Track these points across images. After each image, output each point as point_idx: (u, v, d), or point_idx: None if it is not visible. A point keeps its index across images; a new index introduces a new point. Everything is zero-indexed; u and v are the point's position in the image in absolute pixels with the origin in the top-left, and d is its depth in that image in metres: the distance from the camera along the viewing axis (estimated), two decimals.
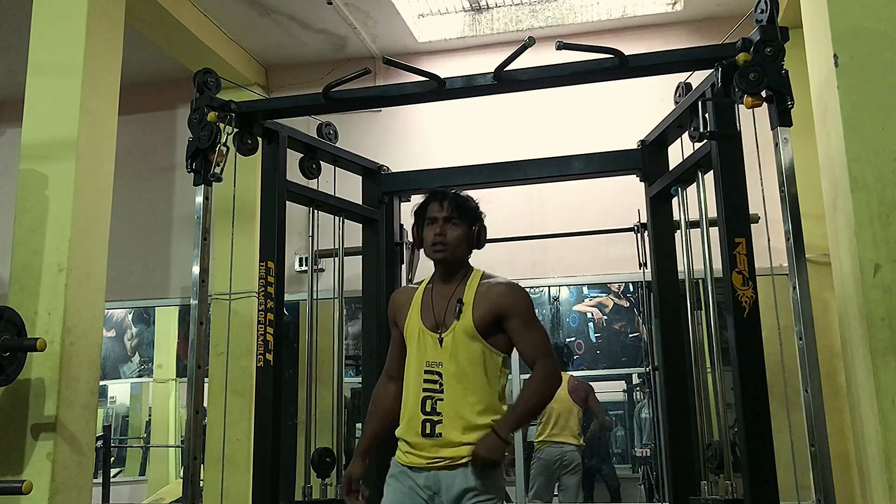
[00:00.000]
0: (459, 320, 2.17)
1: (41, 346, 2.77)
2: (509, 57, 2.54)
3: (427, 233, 2.26)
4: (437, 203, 2.26)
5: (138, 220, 5.12)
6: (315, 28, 4.70)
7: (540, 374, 2.16)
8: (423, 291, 2.30)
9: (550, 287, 6.75)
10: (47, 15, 3.34)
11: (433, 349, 2.18)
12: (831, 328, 3.71)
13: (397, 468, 2.19)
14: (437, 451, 2.10)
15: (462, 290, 2.22)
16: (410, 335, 2.24)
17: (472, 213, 2.31)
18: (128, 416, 8.12)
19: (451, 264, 2.25)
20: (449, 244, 2.22)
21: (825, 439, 2.19)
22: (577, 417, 5.39)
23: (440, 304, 2.23)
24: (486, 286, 2.22)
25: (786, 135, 2.31)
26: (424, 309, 2.25)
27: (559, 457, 5.28)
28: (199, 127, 2.71)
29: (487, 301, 2.19)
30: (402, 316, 2.28)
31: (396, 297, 2.38)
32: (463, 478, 2.07)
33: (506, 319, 2.18)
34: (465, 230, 2.27)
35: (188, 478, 2.58)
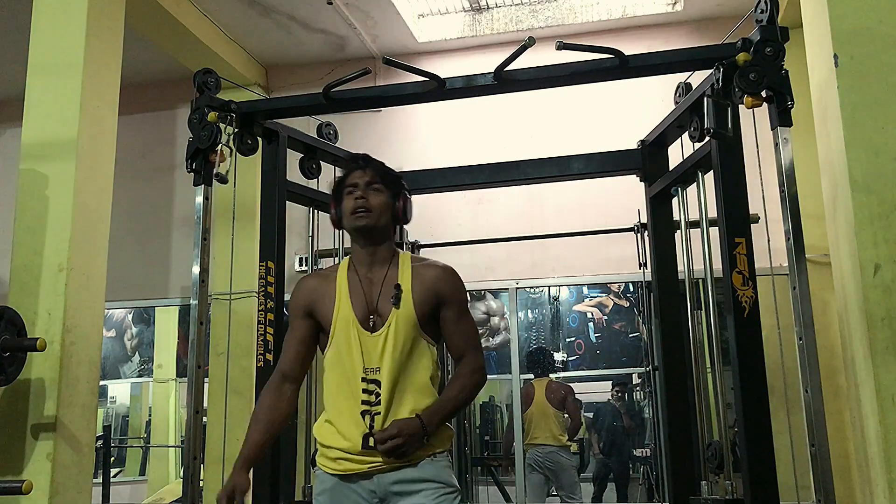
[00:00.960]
0: (399, 308, 1.91)
1: (41, 346, 2.77)
2: (509, 57, 2.54)
3: (347, 201, 1.99)
4: (359, 170, 2.03)
5: (138, 220, 5.12)
6: (315, 28, 4.70)
7: (469, 368, 1.97)
8: (344, 276, 1.99)
9: (550, 287, 6.76)
10: (47, 15, 3.34)
11: (369, 349, 1.90)
12: (831, 328, 3.71)
13: (328, 481, 1.90)
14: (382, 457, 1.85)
15: (395, 272, 1.97)
16: (340, 331, 1.93)
17: (395, 182, 2.07)
18: (128, 416, 8.12)
19: (374, 238, 1.99)
20: (373, 209, 1.96)
21: (825, 439, 2.19)
22: (556, 419, 5.48)
23: (372, 289, 1.95)
24: (420, 268, 1.99)
25: (786, 135, 2.31)
26: (354, 296, 1.95)
27: (543, 458, 5.38)
28: (199, 127, 2.70)
29: (425, 284, 1.95)
30: (322, 306, 1.97)
31: (309, 283, 2.05)
32: (417, 471, 1.86)
33: (442, 306, 1.96)
34: (390, 199, 2.02)
35: (188, 478, 2.58)
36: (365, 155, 2.09)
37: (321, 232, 3.28)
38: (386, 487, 1.85)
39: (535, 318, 7.32)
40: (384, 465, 1.84)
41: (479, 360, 2.00)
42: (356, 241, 2.01)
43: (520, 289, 4.73)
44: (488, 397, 7.28)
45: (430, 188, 3.58)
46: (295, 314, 2.02)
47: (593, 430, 6.67)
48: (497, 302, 7.01)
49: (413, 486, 1.85)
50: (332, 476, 1.89)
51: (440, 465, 1.90)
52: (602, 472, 6.47)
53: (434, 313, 1.96)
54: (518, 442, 4.73)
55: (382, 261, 2.00)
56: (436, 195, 4.14)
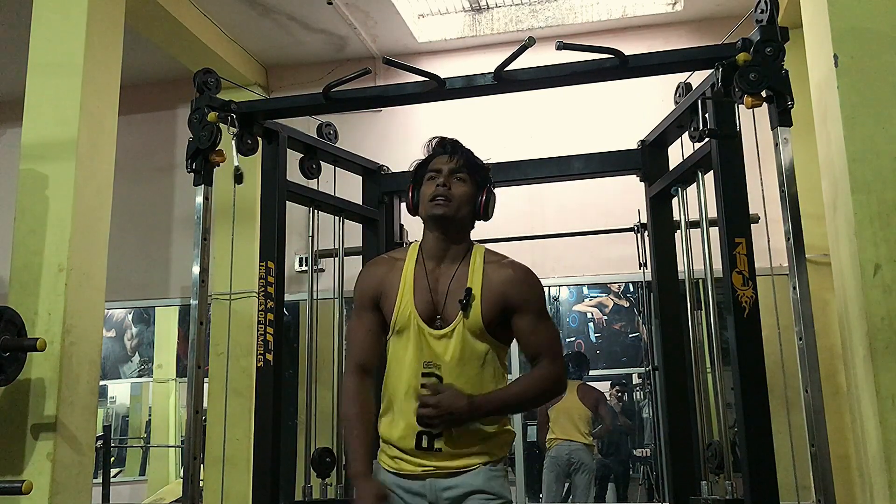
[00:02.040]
0: (468, 317, 1.81)
1: (41, 346, 2.77)
2: (509, 57, 2.54)
3: (427, 188, 1.88)
4: (445, 155, 1.92)
5: (138, 220, 5.12)
6: (315, 28, 4.70)
7: (545, 372, 1.85)
8: (412, 268, 1.88)
9: (550, 287, 6.75)
10: (47, 15, 3.34)
11: (430, 346, 1.82)
12: (831, 328, 3.71)
13: (382, 476, 1.86)
14: (436, 461, 1.80)
15: (465, 272, 1.85)
16: (402, 324, 1.85)
17: (482, 173, 1.95)
18: (128, 416, 8.12)
19: (451, 229, 1.87)
20: (454, 199, 1.85)
21: (825, 439, 2.18)
22: (585, 418, 5.47)
23: (438, 288, 1.85)
24: (494, 269, 1.87)
25: (786, 135, 2.31)
26: (419, 292, 1.85)
27: (567, 455, 5.35)
28: (199, 127, 2.70)
29: (495, 290, 1.84)
30: (387, 297, 1.87)
31: (376, 271, 1.93)
32: (469, 479, 1.79)
33: (515, 313, 1.85)
34: (474, 190, 1.90)
35: (188, 478, 2.58)
36: (454, 140, 1.97)
37: (321, 232, 3.28)
38: (437, 493, 1.80)
39: None
40: (438, 470, 1.80)
41: (556, 369, 1.86)
42: (430, 230, 1.90)
43: None
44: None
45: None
46: (361, 304, 1.92)
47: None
48: None
49: (463, 495, 1.80)
50: (389, 473, 1.85)
51: (494, 474, 1.83)
52: (602, 472, 6.47)
53: (504, 318, 1.86)
54: (518, 441, 4.73)
55: (454, 257, 1.90)
56: None
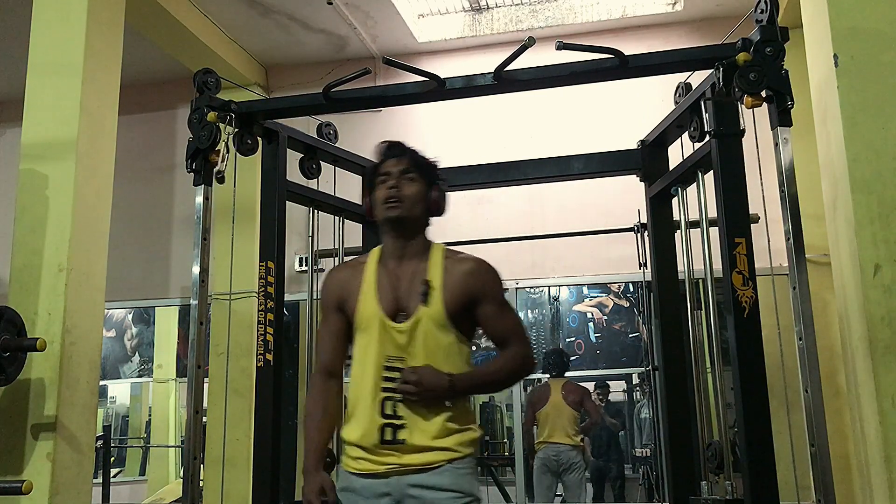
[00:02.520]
0: (427, 306, 1.85)
1: (41, 346, 2.77)
2: (509, 57, 2.54)
3: (379, 191, 1.94)
4: (393, 158, 1.97)
5: (138, 220, 5.12)
6: (315, 28, 4.70)
7: (514, 352, 1.91)
8: (374, 269, 1.94)
9: (550, 287, 6.75)
10: (47, 15, 3.35)
11: (393, 341, 1.85)
12: (831, 328, 3.70)
13: (347, 479, 1.87)
14: (400, 457, 1.81)
15: (425, 267, 1.90)
16: (364, 323, 1.88)
17: (431, 171, 2.01)
18: (128, 416, 8.12)
19: (406, 229, 1.93)
20: (405, 199, 1.91)
21: (825, 439, 2.19)
22: (571, 419, 5.50)
23: (400, 284, 1.90)
24: (453, 263, 1.92)
25: (786, 135, 2.31)
26: (381, 290, 1.90)
27: (556, 457, 5.39)
28: (199, 127, 2.70)
29: (457, 282, 1.88)
30: (350, 299, 1.92)
31: (338, 276, 2.01)
32: (435, 477, 1.79)
33: (479, 303, 1.89)
34: (424, 188, 1.97)
35: (188, 478, 2.58)
36: (400, 143, 2.04)
37: (321, 232, 3.28)
38: (403, 490, 1.80)
39: (535, 318, 7.32)
40: (402, 467, 1.80)
41: (526, 350, 1.94)
42: (387, 232, 1.96)
43: (520, 289, 4.73)
44: (489, 397, 7.28)
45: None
46: (326, 308, 1.98)
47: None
48: None
49: (429, 494, 1.79)
50: (352, 475, 1.86)
51: (461, 472, 1.83)
52: (596, 473, 6.49)
53: (467, 310, 1.89)
54: (518, 442, 4.73)
55: (413, 254, 1.94)
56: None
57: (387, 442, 1.80)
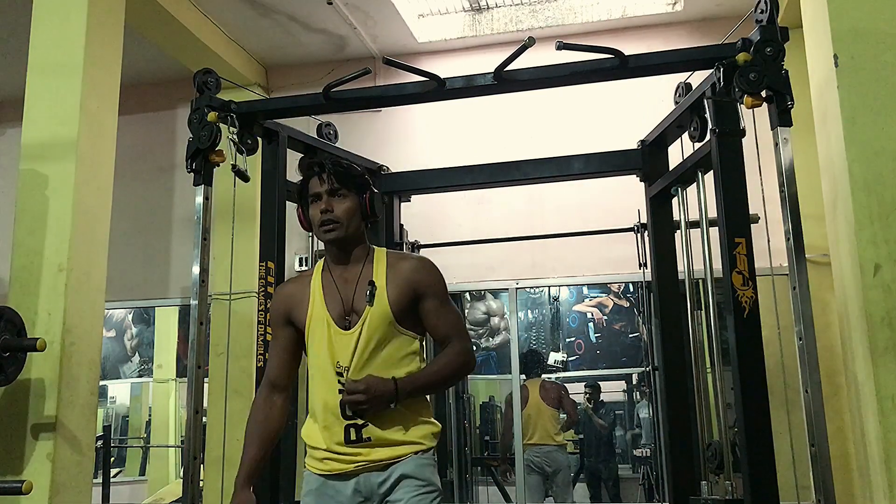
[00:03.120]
0: (373, 305, 1.88)
1: (41, 346, 2.77)
2: (509, 57, 2.54)
3: (313, 212, 1.95)
4: (316, 177, 1.96)
5: (138, 220, 5.12)
6: (315, 28, 4.69)
7: (456, 349, 1.95)
8: (318, 279, 1.97)
9: (550, 287, 6.76)
10: (47, 15, 3.34)
11: (343, 347, 1.88)
12: (831, 328, 3.71)
13: (314, 482, 1.90)
14: (369, 453, 1.85)
15: (370, 269, 1.94)
16: (315, 331, 1.92)
17: (358, 181, 2.00)
18: (128, 416, 8.12)
19: (347, 243, 1.96)
20: (341, 220, 1.92)
21: (825, 439, 2.19)
22: (552, 418, 5.60)
23: (346, 288, 1.93)
24: (396, 261, 1.97)
25: (786, 135, 2.31)
26: (328, 297, 1.93)
27: (541, 458, 5.48)
28: (199, 127, 2.71)
29: (400, 279, 1.92)
30: (299, 310, 1.95)
31: (285, 290, 2.04)
32: (400, 467, 1.85)
33: (421, 299, 1.93)
34: (356, 201, 1.96)
35: (188, 478, 2.58)
36: (320, 161, 2.01)
37: None
38: (372, 488, 1.85)
39: (535, 318, 7.32)
40: (370, 463, 1.84)
41: (466, 345, 1.98)
42: (328, 248, 1.99)
43: (520, 289, 4.73)
44: (488, 397, 7.28)
45: (430, 188, 3.59)
46: (275, 323, 2.02)
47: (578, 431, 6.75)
48: (497, 302, 7.01)
49: (395, 482, 1.85)
50: (319, 476, 1.89)
51: (422, 462, 1.88)
52: (591, 473, 6.51)
53: (412, 307, 1.93)
54: (518, 442, 4.73)
55: (357, 259, 1.97)
56: (436, 195, 4.15)
57: (352, 442, 1.85)
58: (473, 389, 6.77)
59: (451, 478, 5.51)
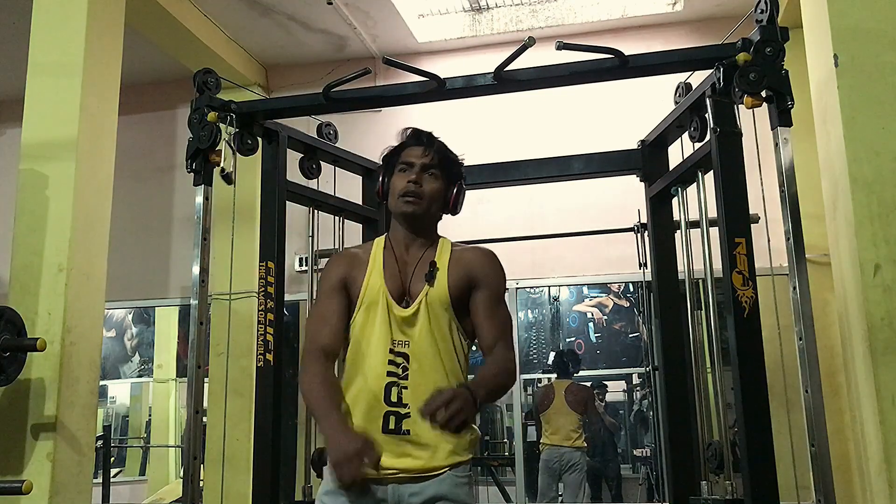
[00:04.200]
0: (433, 286, 1.79)
1: (41, 346, 2.77)
2: (509, 57, 2.54)
3: (398, 180, 1.85)
4: (420, 148, 1.89)
5: (138, 220, 5.12)
6: (315, 28, 4.70)
7: (508, 356, 1.81)
8: (380, 252, 1.87)
9: (550, 287, 6.75)
10: (47, 15, 3.34)
11: (399, 323, 1.77)
12: (831, 328, 3.71)
13: (332, 483, 1.68)
14: (400, 459, 1.69)
15: (433, 254, 1.85)
16: (370, 302, 1.79)
17: (456, 169, 1.94)
18: (128, 416, 8.12)
19: (419, 224, 1.86)
20: (425, 196, 1.83)
21: (825, 439, 2.18)
22: (574, 421, 5.60)
23: (406, 269, 1.84)
24: (460, 252, 1.88)
25: (786, 135, 2.31)
26: (387, 272, 1.82)
27: (557, 458, 5.50)
28: (199, 127, 2.70)
29: (462, 265, 1.83)
30: (357, 278, 1.82)
31: (345, 257, 1.90)
32: (435, 485, 1.69)
33: (476, 289, 1.82)
34: (445, 186, 1.89)
35: (188, 478, 2.58)
36: (430, 133, 1.94)
37: (321, 232, 3.28)
38: (399, 499, 1.69)
39: (535, 318, 7.32)
40: (401, 473, 1.69)
41: (512, 356, 1.83)
42: (399, 222, 1.88)
43: (520, 289, 4.73)
44: None
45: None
46: (330, 287, 1.84)
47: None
48: None
49: (427, 501, 1.69)
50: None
51: (460, 481, 1.73)
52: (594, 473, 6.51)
53: (468, 296, 1.82)
54: (518, 442, 4.73)
55: (422, 245, 1.88)
56: None
57: (391, 431, 1.70)
58: None
59: None
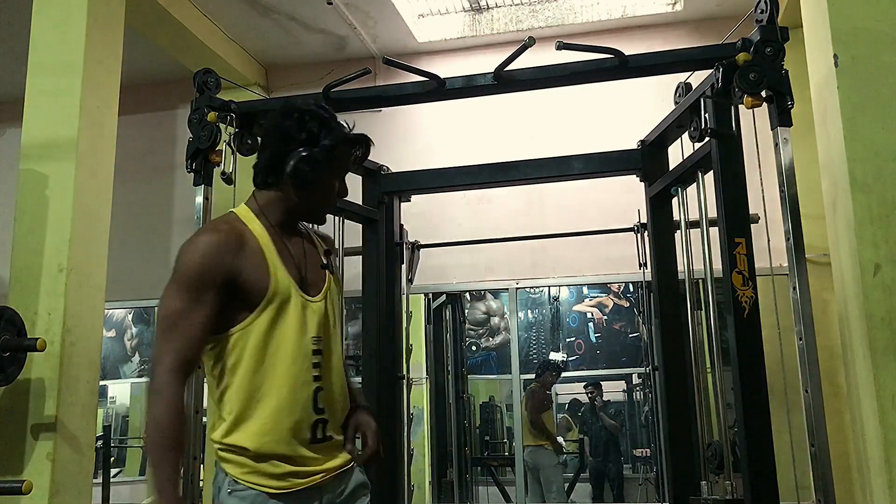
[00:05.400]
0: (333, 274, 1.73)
1: (41, 346, 2.77)
2: (509, 57, 2.54)
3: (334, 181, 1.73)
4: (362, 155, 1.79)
5: (138, 220, 5.12)
6: (315, 28, 4.70)
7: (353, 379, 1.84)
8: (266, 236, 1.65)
9: (550, 287, 6.75)
10: (47, 15, 3.34)
11: (311, 319, 1.63)
12: (831, 328, 3.70)
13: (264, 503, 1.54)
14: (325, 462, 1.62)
15: (312, 241, 1.77)
16: (282, 300, 1.59)
17: None
18: (128, 416, 8.12)
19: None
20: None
21: (825, 439, 2.19)
22: (538, 421, 5.86)
23: (297, 254, 1.68)
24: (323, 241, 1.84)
25: (786, 135, 2.31)
26: (285, 260, 1.64)
27: (534, 457, 5.74)
28: (199, 127, 2.71)
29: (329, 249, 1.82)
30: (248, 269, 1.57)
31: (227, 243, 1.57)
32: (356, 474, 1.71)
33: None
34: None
35: (188, 478, 2.58)
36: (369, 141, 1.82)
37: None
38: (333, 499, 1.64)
39: (535, 318, 7.32)
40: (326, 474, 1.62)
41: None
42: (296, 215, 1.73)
43: (520, 289, 4.73)
44: (488, 397, 7.28)
45: (430, 188, 3.59)
46: (208, 283, 1.54)
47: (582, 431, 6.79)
48: (497, 302, 7.01)
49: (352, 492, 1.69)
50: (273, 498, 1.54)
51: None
52: (595, 473, 6.54)
53: None
54: (518, 442, 4.74)
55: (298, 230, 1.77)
56: (436, 195, 4.15)
57: (318, 441, 1.61)
58: (473, 389, 6.77)
59: (451, 478, 5.52)
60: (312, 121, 1.69)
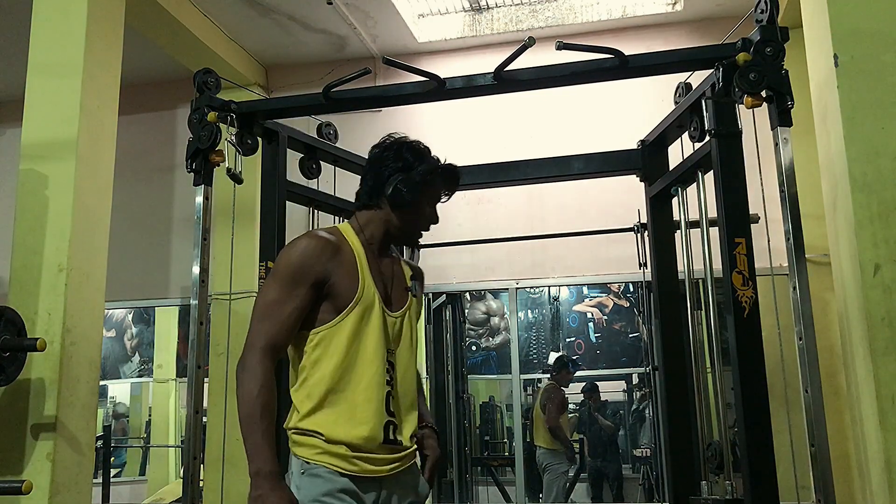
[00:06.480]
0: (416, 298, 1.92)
1: (41, 346, 2.77)
2: (509, 57, 2.54)
3: (431, 209, 1.94)
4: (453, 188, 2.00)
5: (138, 220, 5.12)
6: (315, 28, 4.70)
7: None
8: (361, 250, 1.82)
9: (550, 287, 6.76)
10: (47, 15, 3.35)
11: (389, 330, 1.80)
12: (831, 328, 3.71)
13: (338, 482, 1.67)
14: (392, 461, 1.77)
15: (398, 264, 1.94)
16: (367, 302, 1.76)
17: None
18: (128, 415, 8.12)
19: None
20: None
21: (825, 439, 2.18)
22: (544, 423, 5.85)
23: (386, 273, 1.87)
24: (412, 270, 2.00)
25: (786, 135, 2.31)
26: (374, 273, 1.81)
27: (545, 459, 5.79)
28: (199, 127, 2.71)
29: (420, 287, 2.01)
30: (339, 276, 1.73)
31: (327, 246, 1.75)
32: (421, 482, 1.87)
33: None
34: None
35: (188, 478, 2.58)
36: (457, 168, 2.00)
37: None
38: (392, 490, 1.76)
39: (535, 318, 7.32)
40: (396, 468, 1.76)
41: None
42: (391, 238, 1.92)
43: (520, 289, 4.73)
44: (488, 397, 7.28)
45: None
46: (303, 279, 1.70)
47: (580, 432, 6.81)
48: (497, 302, 7.01)
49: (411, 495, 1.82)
50: (341, 476, 1.67)
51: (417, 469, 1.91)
52: (594, 473, 6.54)
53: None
54: (518, 442, 4.74)
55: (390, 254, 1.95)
56: None
57: (389, 441, 1.74)
58: (473, 389, 6.77)
59: (452, 478, 5.52)
60: (409, 151, 1.88)
